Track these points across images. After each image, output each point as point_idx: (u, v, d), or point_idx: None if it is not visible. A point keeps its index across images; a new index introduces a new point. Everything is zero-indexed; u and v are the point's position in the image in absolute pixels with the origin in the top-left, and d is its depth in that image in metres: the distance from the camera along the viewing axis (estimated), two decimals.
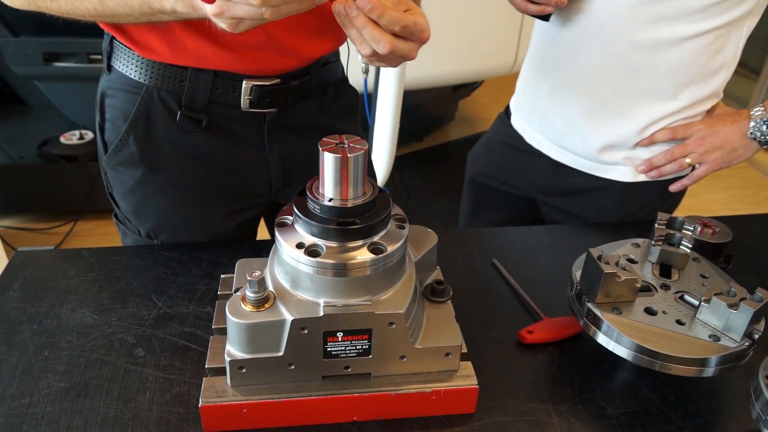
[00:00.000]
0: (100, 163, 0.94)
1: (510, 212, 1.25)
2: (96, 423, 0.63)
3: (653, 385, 0.71)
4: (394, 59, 0.70)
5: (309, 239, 0.61)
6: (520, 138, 1.15)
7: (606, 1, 0.92)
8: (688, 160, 1.01)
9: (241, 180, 0.95)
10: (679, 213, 1.11)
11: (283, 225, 0.64)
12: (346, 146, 0.60)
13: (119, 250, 0.91)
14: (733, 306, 0.63)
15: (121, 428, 0.63)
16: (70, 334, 0.75)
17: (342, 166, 0.59)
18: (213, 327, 0.70)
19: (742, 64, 3.62)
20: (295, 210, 0.62)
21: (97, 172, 2.38)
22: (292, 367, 0.63)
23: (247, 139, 0.92)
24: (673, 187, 1.07)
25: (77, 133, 2.46)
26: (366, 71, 2.07)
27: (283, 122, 0.92)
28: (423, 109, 3.18)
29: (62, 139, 2.43)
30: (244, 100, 0.87)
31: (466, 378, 0.66)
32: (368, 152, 0.61)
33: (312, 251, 0.60)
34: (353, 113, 1.05)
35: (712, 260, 0.83)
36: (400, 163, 3.05)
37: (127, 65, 0.86)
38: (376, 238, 0.62)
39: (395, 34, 0.66)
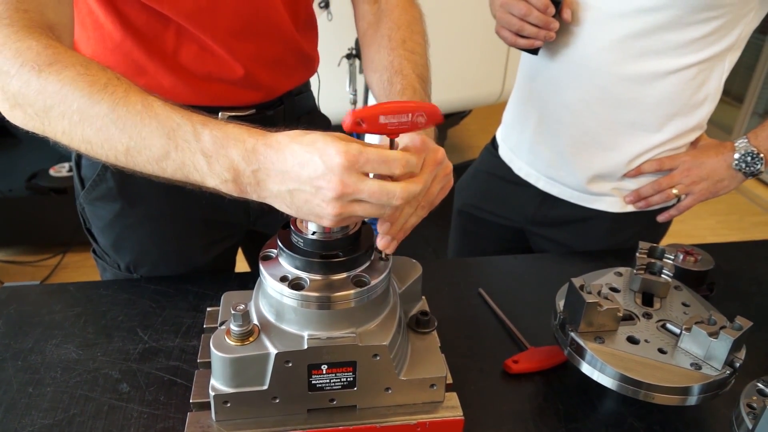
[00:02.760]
0: (77, 200, 0.94)
1: (499, 242, 1.26)
2: None
3: (639, 414, 0.71)
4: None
5: (293, 272, 0.62)
6: (508, 169, 1.17)
7: (592, 36, 0.94)
8: (674, 191, 1.03)
9: (219, 210, 0.95)
10: (667, 239, 1.13)
11: (267, 258, 0.64)
12: None
13: (105, 284, 0.91)
14: (713, 334, 0.64)
15: None
16: (54, 370, 0.74)
17: None
18: (198, 361, 0.70)
19: (726, 92, 3.70)
20: (279, 244, 0.63)
21: None
22: (277, 401, 0.63)
23: None
24: (661, 218, 1.08)
25: (66, 165, 2.47)
26: (354, 102, 2.10)
27: None
28: None
29: (51, 172, 2.44)
30: None
31: (452, 409, 0.66)
32: None
33: (296, 284, 0.61)
34: None
35: (695, 288, 0.85)
36: None
37: None
38: (359, 271, 0.62)
39: None
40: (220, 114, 0.87)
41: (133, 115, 0.56)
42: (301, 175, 0.53)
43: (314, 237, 0.61)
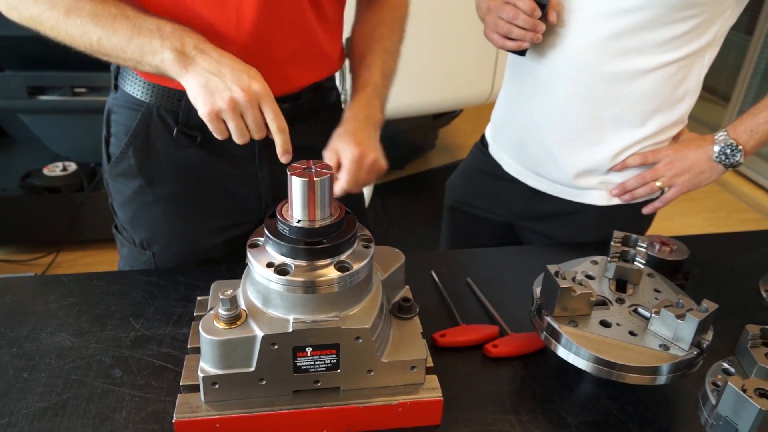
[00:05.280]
0: (104, 175, 1.00)
1: (490, 238, 1.29)
2: None
3: (612, 396, 0.74)
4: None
5: (279, 259, 0.64)
6: (497, 166, 1.20)
7: (576, 36, 0.98)
8: (658, 184, 1.06)
9: (232, 195, 1.00)
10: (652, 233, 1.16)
11: (254, 246, 0.67)
12: (313, 171, 0.64)
13: (98, 275, 0.93)
14: (680, 317, 0.67)
15: None
16: (49, 356, 0.77)
17: (309, 190, 0.63)
18: (188, 346, 0.72)
19: (712, 91, 3.75)
20: (266, 232, 0.66)
21: (80, 202, 2.41)
22: (264, 382, 0.65)
23: (239, 155, 0.96)
24: (646, 210, 1.12)
25: (60, 164, 2.48)
26: (345, 101, 2.12)
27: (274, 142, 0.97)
28: (404, 138, 3.24)
29: (45, 171, 2.45)
30: None
31: (432, 390, 0.69)
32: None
33: (281, 270, 0.63)
34: None
35: (671, 277, 0.88)
36: (382, 191, 3.10)
37: (131, 85, 0.92)
38: (342, 257, 0.65)
39: None
40: None
41: (108, 13, 0.75)
42: (229, 70, 0.72)
43: (299, 225, 0.64)
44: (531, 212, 1.18)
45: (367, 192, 2.42)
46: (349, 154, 0.84)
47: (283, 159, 0.78)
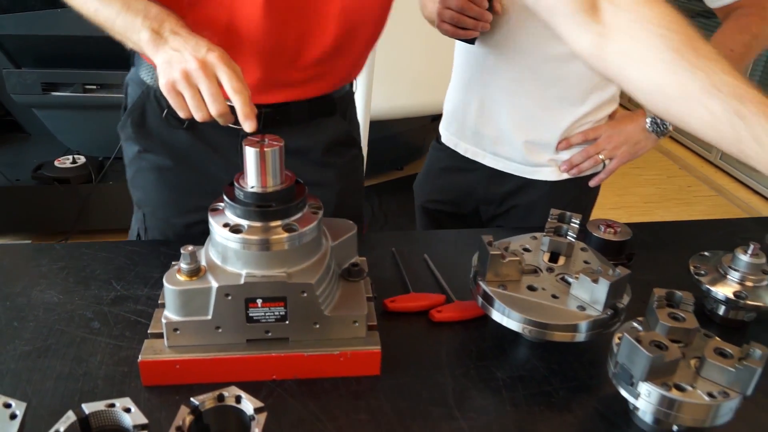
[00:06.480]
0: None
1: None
2: (52, 377, 0.74)
3: (541, 356, 0.81)
4: None
5: (235, 220, 0.73)
6: (456, 158, 1.29)
7: (520, 23, 1.09)
8: (601, 156, 1.19)
9: (214, 179, 1.06)
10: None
11: (215, 210, 0.75)
12: (265, 142, 0.72)
13: (87, 244, 1.02)
14: (595, 280, 0.74)
15: (73, 382, 0.73)
16: (37, 310, 0.86)
17: (261, 159, 0.71)
18: (159, 302, 0.81)
19: None
20: (225, 197, 0.74)
21: (87, 193, 2.53)
22: (220, 330, 0.74)
23: (222, 145, 1.04)
24: (592, 182, 1.24)
25: (70, 157, 2.60)
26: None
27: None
28: (403, 139, 3.32)
29: (56, 163, 2.57)
30: None
31: (372, 344, 0.76)
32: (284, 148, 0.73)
33: (236, 229, 0.72)
34: (338, 147, 1.11)
35: (615, 257, 0.95)
36: (380, 191, 3.18)
37: (138, 64, 1.03)
38: (291, 220, 0.73)
39: None
40: None
41: None
42: (192, 45, 0.75)
43: (253, 190, 0.72)
44: (492, 195, 1.27)
45: None
46: None
47: (246, 126, 0.74)
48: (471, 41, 1.12)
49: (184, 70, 0.73)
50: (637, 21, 0.72)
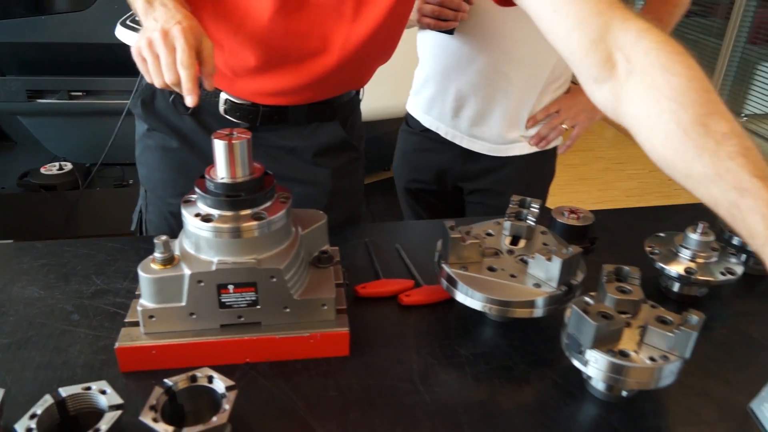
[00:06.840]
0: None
1: (440, 204, 1.49)
2: (31, 367, 0.77)
3: (503, 334, 0.85)
4: None
5: (206, 210, 0.76)
6: (429, 139, 1.38)
7: (492, 11, 1.16)
8: (564, 126, 1.31)
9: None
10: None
11: (187, 201, 0.79)
12: (234, 135, 0.76)
13: (68, 242, 1.05)
14: (549, 259, 0.78)
15: (52, 371, 0.76)
16: (17, 304, 0.89)
17: (229, 151, 0.75)
18: (136, 293, 0.84)
19: None
20: (196, 189, 0.78)
21: (74, 200, 2.55)
22: (194, 317, 0.77)
23: None
24: (560, 150, 1.37)
25: (57, 164, 2.62)
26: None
27: (257, 134, 1.01)
28: (389, 139, 3.35)
29: (42, 170, 2.59)
30: (221, 107, 1.06)
31: (341, 326, 0.80)
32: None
33: (207, 218, 0.75)
34: (332, 150, 1.14)
35: (578, 242, 0.99)
36: (367, 191, 3.21)
37: None
38: (260, 209, 0.77)
39: None
40: (221, 94, 1.04)
41: None
42: (170, 15, 0.78)
43: (222, 181, 0.76)
44: (467, 173, 1.38)
45: None
46: None
47: (188, 101, 0.77)
48: (450, 32, 1.19)
49: (149, 39, 0.77)
50: (650, 88, 0.69)
